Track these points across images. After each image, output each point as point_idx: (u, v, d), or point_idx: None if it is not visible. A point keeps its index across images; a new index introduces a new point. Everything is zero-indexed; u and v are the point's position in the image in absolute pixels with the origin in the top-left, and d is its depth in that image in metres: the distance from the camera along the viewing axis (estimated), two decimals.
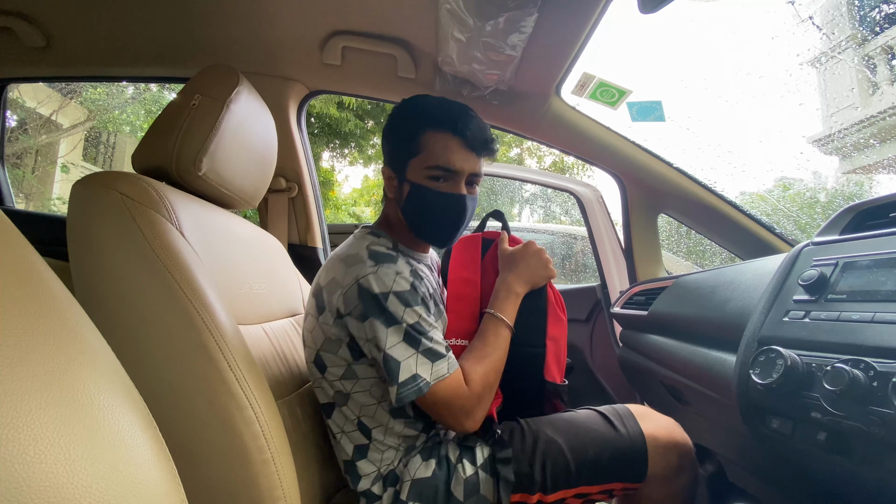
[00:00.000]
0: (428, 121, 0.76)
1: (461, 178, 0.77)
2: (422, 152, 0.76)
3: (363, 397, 0.75)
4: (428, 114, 0.77)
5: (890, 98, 3.54)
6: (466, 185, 0.79)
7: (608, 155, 1.28)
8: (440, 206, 0.77)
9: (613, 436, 0.75)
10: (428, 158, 0.76)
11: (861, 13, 3.85)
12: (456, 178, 0.77)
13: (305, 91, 1.33)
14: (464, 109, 0.79)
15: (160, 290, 0.55)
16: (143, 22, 1.13)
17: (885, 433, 0.48)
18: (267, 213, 1.38)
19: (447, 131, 0.75)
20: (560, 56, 1.02)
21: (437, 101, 0.80)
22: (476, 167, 0.78)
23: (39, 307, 0.24)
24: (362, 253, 0.73)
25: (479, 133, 0.77)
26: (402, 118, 0.80)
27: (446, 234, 0.81)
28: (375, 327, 0.68)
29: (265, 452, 0.54)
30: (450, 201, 0.77)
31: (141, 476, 0.25)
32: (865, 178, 3.63)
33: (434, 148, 0.76)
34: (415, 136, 0.76)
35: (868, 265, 0.59)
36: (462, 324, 0.83)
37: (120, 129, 6.17)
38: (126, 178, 0.61)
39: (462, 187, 0.78)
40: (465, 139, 0.76)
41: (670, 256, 1.62)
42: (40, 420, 0.20)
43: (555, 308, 0.87)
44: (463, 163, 0.76)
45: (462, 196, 0.78)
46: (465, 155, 0.76)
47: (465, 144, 0.76)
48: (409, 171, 0.78)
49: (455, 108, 0.78)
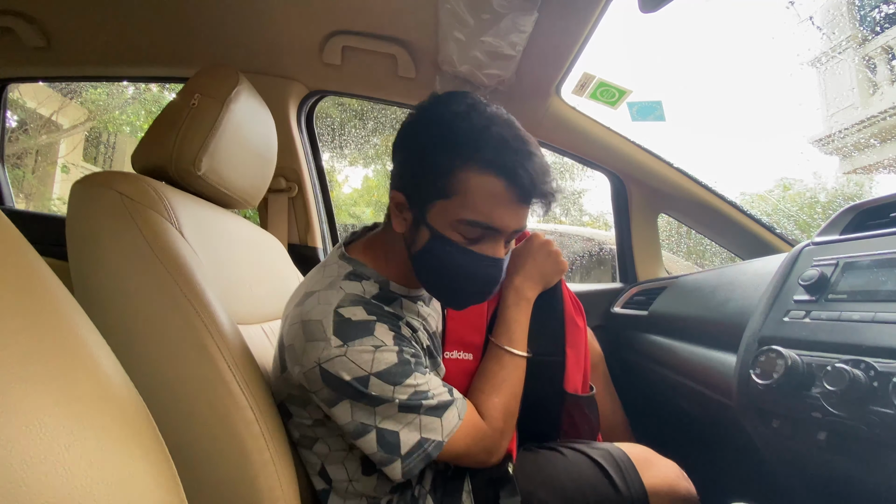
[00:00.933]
0: (471, 155, 0.55)
1: (504, 238, 0.59)
2: (456, 196, 0.56)
3: (334, 443, 0.63)
4: (472, 144, 0.55)
5: (890, 98, 3.53)
6: (506, 244, 0.61)
7: (608, 155, 1.28)
8: (469, 270, 0.59)
9: (613, 496, 0.64)
10: (464, 209, 0.56)
11: (861, 13, 3.84)
12: (497, 238, 0.59)
13: (305, 91, 1.33)
14: (523, 144, 0.56)
15: (159, 290, 0.55)
16: (143, 22, 1.13)
17: (885, 433, 0.48)
18: (267, 213, 1.38)
19: (498, 176, 0.54)
20: (560, 56, 1.02)
21: (484, 124, 0.56)
22: (524, 221, 0.59)
23: (39, 307, 0.24)
24: (326, 321, 0.56)
25: (539, 179, 0.56)
26: (431, 138, 0.58)
27: (468, 301, 0.65)
28: (354, 410, 0.55)
29: (265, 452, 0.54)
30: (483, 267, 0.59)
31: (141, 476, 0.25)
32: (866, 178, 3.62)
33: (476, 197, 0.55)
34: (448, 172, 0.56)
35: (868, 265, 0.59)
36: (465, 334, 0.73)
37: (120, 129, 6.17)
38: (125, 178, 0.61)
39: (502, 249, 0.60)
40: (520, 189, 0.55)
41: (670, 256, 1.62)
42: (39, 421, 0.20)
43: (571, 311, 0.78)
44: (511, 220, 0.57)
45: (500, 261, 0.60)
46: (517, 210, 0.57)
47: (519, 196, 0.56)
48: (432, 214, 0.58)
49: (512, 140, 0.56)
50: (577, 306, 0.81)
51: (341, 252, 0.67)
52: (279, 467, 0.56)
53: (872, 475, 0.51)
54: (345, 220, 5.65)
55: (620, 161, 1.29)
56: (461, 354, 0.73)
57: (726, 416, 0.79)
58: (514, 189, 0.55)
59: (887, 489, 0.50)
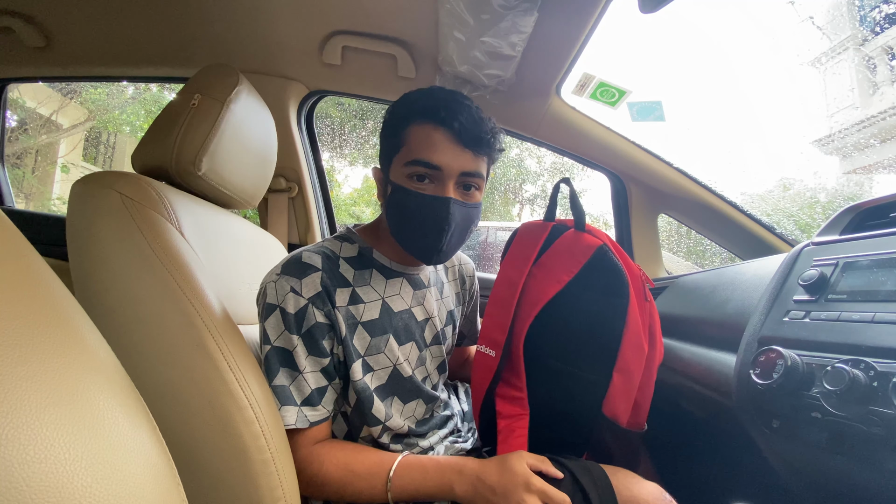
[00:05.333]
0: (411, 112, 0.65)
1: (448, 179, 0.64)
2: (404, 147, 0.65)
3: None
4: (412, 104, 0.66)
5: (890, 98, 3.53)
6: (460, 188, 0.66)
7: (608, 155, 1.28)
8: (417, 211, 0.64)
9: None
10: (409, 153, 0.64)
11: (861, 13, 3.85)
12: (442, 179, 0.64)
13: (305, 91, 1.33)
14: (454, 97, 0.66)
15: (160, 290, 0.55)
16: (142, 22, 1.13)
17: (885, 433, 0.48)
18: (267, 213, 1.38)
19: (430, 122, 0.63)
20: (560, 56, 1.02)
21: (426, 91, 0.68)
22: (469, 165, 0.65)
23: (39, 307, 0.24)
24: (290, 258, 0.67)
25: (471, 125, 0.64)
26: (390, 113, 0.70)
27: (425, 246, 0.67)
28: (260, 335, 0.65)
29: (265, 452, 0.54)
30: (429, 206, 0.64)
31: (141, 476, 0.25)
32: (866, 178, 3.62)
33: (417, 142, 0.64)
34: (398, 130, 0.66)
35: (868, 265, 0.59)
36: (492, 332, 0.73)
37: (120, 129, 6.17)
38: (126, 178, 0.61)
39: (449, 189, 0.64)
40: (451, 131, 0.63)
41: (670, 256, 1.62)
42: (40, 420, 0.20)
43: (640, 335, 0.69)
44: (450, 159, 0.63)
45: (445, 200, 0.64)
46: (453, 150, 0.64)
47: (452, 138, 0.63)
48: (392, 169, 0.67)
49: (443, 95, 0.66)
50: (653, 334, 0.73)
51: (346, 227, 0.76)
52: (279, 467, 0.56)
53: (872, 475, 0.51)
54: (345, 219, 5.65)
55: (620, 161, 1.29)
56: (488, 350, 0.73)
57: (726, 416, 0.79)
58: (446, 133, 0.63)
59: (887, 489, 0.50)
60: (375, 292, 0.71)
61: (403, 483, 0.62)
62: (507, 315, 0.72)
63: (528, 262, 0.73)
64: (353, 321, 0.68)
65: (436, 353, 0.79)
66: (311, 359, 0.64)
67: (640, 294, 0.72)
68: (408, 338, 0.73)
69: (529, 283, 0.73)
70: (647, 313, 0.73)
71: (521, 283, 0.72)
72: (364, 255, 0.72)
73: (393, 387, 0.71)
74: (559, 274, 0.71)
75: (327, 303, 0.65)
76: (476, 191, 0.68)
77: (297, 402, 0.63)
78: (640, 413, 0.73)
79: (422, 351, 0.76)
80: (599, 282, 0.70)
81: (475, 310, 0.96)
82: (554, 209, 0.79)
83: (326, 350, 0.65)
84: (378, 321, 0.70)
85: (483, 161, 0.67)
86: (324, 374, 0.65)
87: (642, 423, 0.75)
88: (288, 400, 0.62)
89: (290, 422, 0.61)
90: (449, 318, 0.84)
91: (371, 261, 0.72)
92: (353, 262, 0.71)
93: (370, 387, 0.68)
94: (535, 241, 0.75)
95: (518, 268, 0.74)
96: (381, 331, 0.70)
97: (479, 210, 0.70)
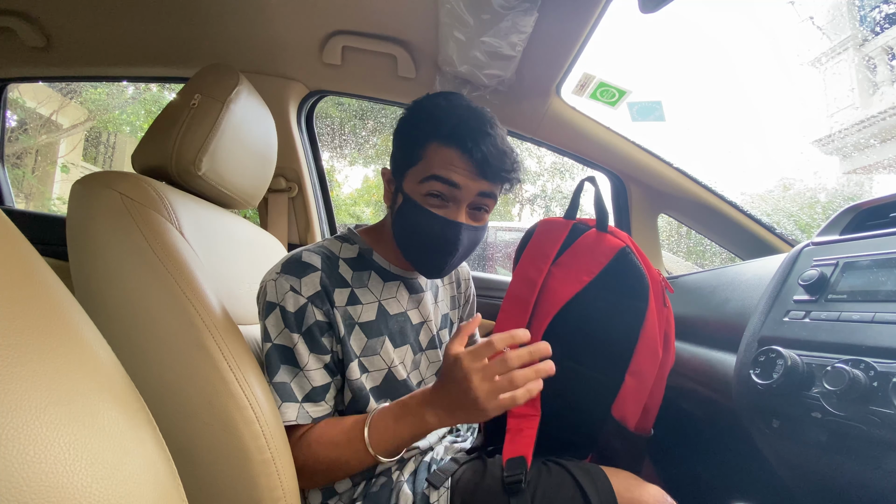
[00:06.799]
0: (434, 131, 0.65)
1: (463, 201, 0.65)
2: (422, 162, 0.65)
3: None
4: (436, 122, 0.65)
5: (890, 98, 3.54)
6: (472, 210, 0.67)
7: (608, 155, 1.28)
8: (428, 229, 0.65)
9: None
10: (427, 169, 0.64)
11: (861, 13, 3.85)
12: (457, 201, 0.65)
13: (305, 91, 1.33)
14: (480, 125, 0.64)
15: (160, 290, 0.55)
16: (142, 22, 1.13)
17: (885, 433, 0.48)
18: (267, 213, 1.38)
19: (455, 148, 0.63)
20: (560, 56, 1.02)
21: (452, 111, 0.66)
22: (485, 188, 0.65)
23: (39, 307, 0.24)
24: (289, 258, 0.67)
25: (494, 159, 0.63)
26: (409, 121, 0.69)
27: (430, 264, 0.68)
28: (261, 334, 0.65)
29: (265, 452, 0.54)
30: (440, 228, 0.65)
31: (140, 476, 0.25)
32: (866, 178, 3.63)
33: (436, 161, 0.64)
34: (417, 145, 0.66)
35: (868, 265, 0.59)
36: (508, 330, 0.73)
37: (120, 129, 6.17)
38: (126, 178, 0.61)
39: (462, 214, 0.65)
40: (474, 161, 0.63)
41: (670, 256, 1.62)
42: (40, 420, 0.20)
43: (656, 340, 0.69)
44: (468, 184, 0.64)
45: (457, 225, 0.65)
46: (474, 179, 0.64)
47: (474, 168, 0.63)
48: (406, 180, 0.67)
49: (471, 122, 0.64)
50: (667, 340, 0.73)
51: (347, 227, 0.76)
52: (279, 467, 0.56)
53: (872, 475, 0.51)
54: (345, 219, 5.65)
55: (620, 161, 1.29)
56: None
57: (726, 416, 0.79)
58: (468, 161, 0.63)
59: (887, 489, 0.50)
60: (372, 294, 0.71)
61: (379, 433, 0.60)
62: (525, 314, 0.71)
63: (548, 260, 0.72)
64: (351, 321, 0.68)
65: (432, 357, 0.79)
66: (313, 356, 0.64)
67: (659, 299, 0.72)
68: (403, 341, 0.74)
69: (549, 282, 0.71)
70: (664, 319, 0.72)
71: (540, 282, 0.71)
72: (363, 256, 0.73)
73: (387, 389, 0.71)
74: (580, 274, 0.70)
75: (326, 302, 0.65)
76: (486, 213, 0.69)
77: (299, 398, 0.63)
78: (649, 418, 0.73)
79: (416, 354, 0.76)
80: (620, 284, 0.69)
81: (472, 313, 0.96)
82: (576, 207, 0.78)
83: (327, 347, 0.65)
84: (374, 323, 0.70)
85: (499, 186, 0.68)
86: (326, 370, 0.66)
87: (649, 427, 0.74)
88: (289, 397, 0.62)
89: (291, 418, 0.62)
90: (444, 321, 0.84)
91: (370, 263, 0.73)
92: (352, 264, 0.71)
93: (366, 387, 0.69)
94: (555, 240, 0.74)
95: (537, 266, 0.72)
96: (377, 333, 0.70)
97: (485, 230, 0.70)
